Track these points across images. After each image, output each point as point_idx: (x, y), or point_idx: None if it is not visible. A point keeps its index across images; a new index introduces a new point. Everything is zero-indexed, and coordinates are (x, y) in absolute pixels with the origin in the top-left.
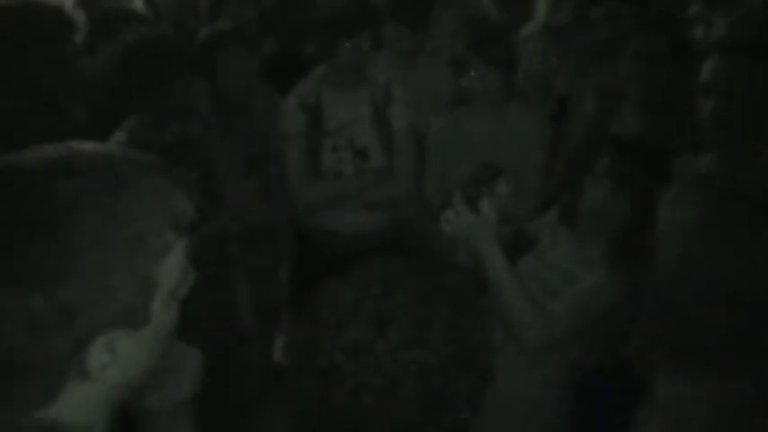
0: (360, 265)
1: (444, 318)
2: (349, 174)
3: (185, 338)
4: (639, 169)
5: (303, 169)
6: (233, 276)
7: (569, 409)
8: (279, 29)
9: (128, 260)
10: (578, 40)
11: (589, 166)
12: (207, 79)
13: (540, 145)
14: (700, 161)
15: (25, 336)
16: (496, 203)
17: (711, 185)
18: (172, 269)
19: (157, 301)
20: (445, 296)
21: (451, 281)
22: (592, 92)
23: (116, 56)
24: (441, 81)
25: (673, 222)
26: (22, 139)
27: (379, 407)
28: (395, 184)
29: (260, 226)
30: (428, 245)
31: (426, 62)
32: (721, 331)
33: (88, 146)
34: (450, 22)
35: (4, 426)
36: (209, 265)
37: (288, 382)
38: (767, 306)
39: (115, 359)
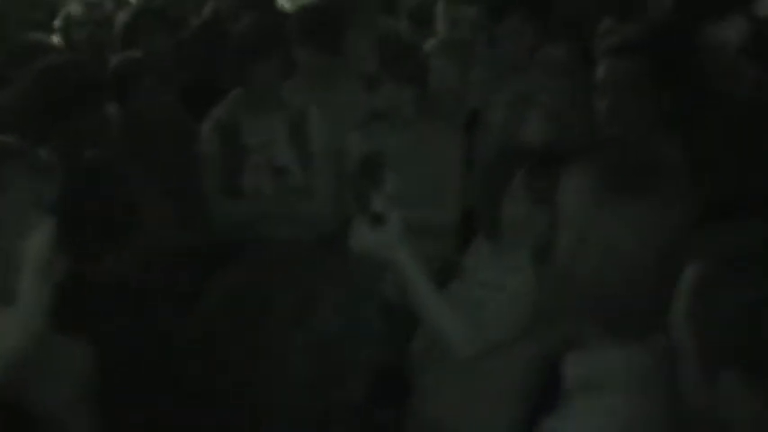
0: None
1: (328, 296)
2: (269, 194)
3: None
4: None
5: (222, 190)
6: (156, 302)
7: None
8: (194, 57)
9: None
10: (482, 55)
11: (506, 179)
12: (120, 106)
13: (453, 158)
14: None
15: None
16: (389, 202)
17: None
18: (36, 248)
19: (24, 279)
20: (329, 276)
21: (338, 261)
22: (501, 103)
23: (28, 81)
24: (355, 99)
25: (569, 203)
26: None
27: (267, 386)
28: (315, 203)
29: (182, 250)
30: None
31: (340, 82)
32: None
33: None
34: (362, 42)
35: None
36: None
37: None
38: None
39: None
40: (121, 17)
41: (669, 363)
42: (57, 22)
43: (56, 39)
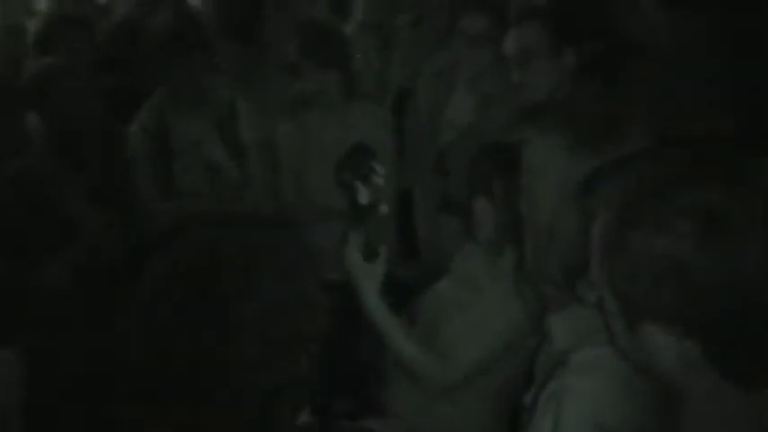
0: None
1: (270, 270)
2: (204, 191)
3: None
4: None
5: (156, 193)
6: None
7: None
8: (113, 60)
9: None
10: (403, 33)
11: (470, 172)
12: (39, 113)
13: (382, 140)
14: None
15: None
16: (374, 192)
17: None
18: None
19: None
20: (269, 250)
21: (278, 236)
22: (426, 80)
23: None
24: (281, 88)
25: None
26: None
27: (212, 360)
28: (251, 197)
29: (117, 256)
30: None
31: (264, 72)
32: None
33: None
34: (280, 29)
35: None
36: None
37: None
38: None
39: None
40: (34, 24)
41: None
42: None
43: None
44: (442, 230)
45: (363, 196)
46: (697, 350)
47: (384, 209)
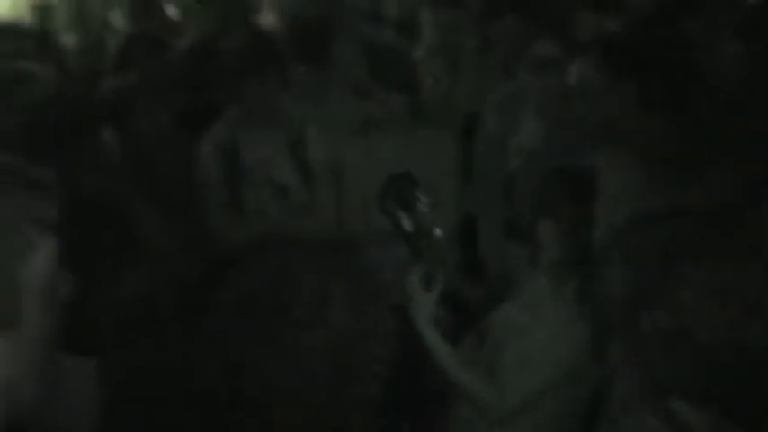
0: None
1: (343, 295)
2: (271, 212)
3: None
4: (582, 199)
5: (224, 212)
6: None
7: None
8: (187, 78)
9: None
10: (469, 58)
11: (537, 196)
12: (116, 131)
13: (449, 165)
14: None
15: None
16: (419, 220)
17: None
18: (38, 269)
19: (27, 302)
20: (344, 275)
21: (349, 261)
22: (494, 106)
23: (21, 114)
24: (349, 111)
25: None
26: None
27: (283, 386)
28: (318, 219)
29: (186, 275)
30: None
31: (334, 94)
32: None
33: None
34: (350, 53)
35: None
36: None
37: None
38: None
39: None
40: (113, 42)
41: None
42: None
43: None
44: (508, 255)
45: (408, 224)
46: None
47: (438, 233)
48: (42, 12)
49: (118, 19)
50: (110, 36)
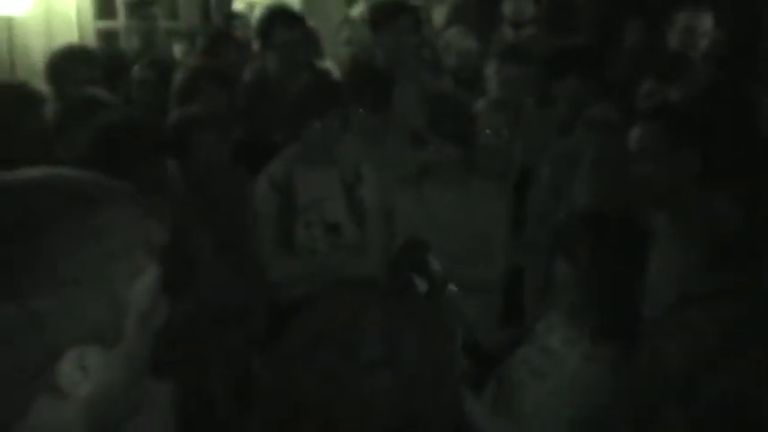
0: (325, 295)
1: (413, 338)
2: (322, 250)
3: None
4: (604, 245)
5: (276, 248)
6: (205, 358)
7: None
8: (249, 114)
9: (98, 275)
10: (528, 113)
11: (557, 237)
12: (178, 161)
13: (502, 217)
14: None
15: None
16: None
17: None
18: (143, 292)
19: (129, 322)
20: (412, 318)
21: (417, 304)
22: (548, 161)
23: (89, 138)
24: (404, 157)
25: None
26: None
27: (351, 429)
28: (368, 260)
29: (233, 306)
30: None
31: (390, 139)
32: None
33: (63, 169)
34: (409, 100)
35: None
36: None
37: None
38: None
39: (87, 376)
40: (179, 75)
41: None
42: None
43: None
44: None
45: (422, 286)
46: None
47: (452, 289)
48: (108, 38)
49: (180, 51)
50: (173, 68)
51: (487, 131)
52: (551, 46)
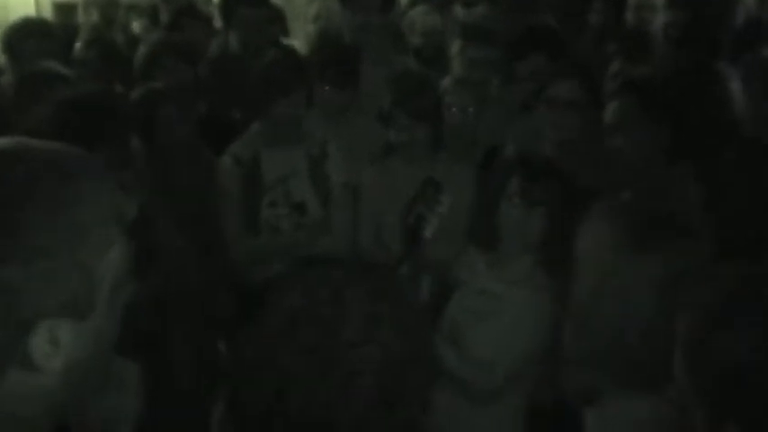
0: (303, 273)
1: (392, 316)
2: (287, 229)
3: None
4: (549, 191)
5: (241, 227)
6: (169, 338)
7: None
8: (213, 91)
9: (71, 247)
10: (499, 93)
11: (501, 186)
12: (141, 137)
13: (466, 194)
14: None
15: None
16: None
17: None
18: (114, 265)
19: (100, 295)
20: (392, 296)
21: (395, 283)
22: (512, 139)
23: (49, 113)
24: (371, 135)
25: (588, 252)
26: None
27: (333, 405)
28: (333, 238)
29: (197, 285)
30: None
31: (356, 117)
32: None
33: (36, 141)
34: (376, 78)
35: None
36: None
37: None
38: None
39: (58, 349)
40: (142, 49)
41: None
42: (78, 52)
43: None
44: None
45: (430, 230)
46: None
47: (428, 232)
48: (66, 12)
49: (140, 27)
50: (133, 44)
51: (453, 110)
52: (515, 26)
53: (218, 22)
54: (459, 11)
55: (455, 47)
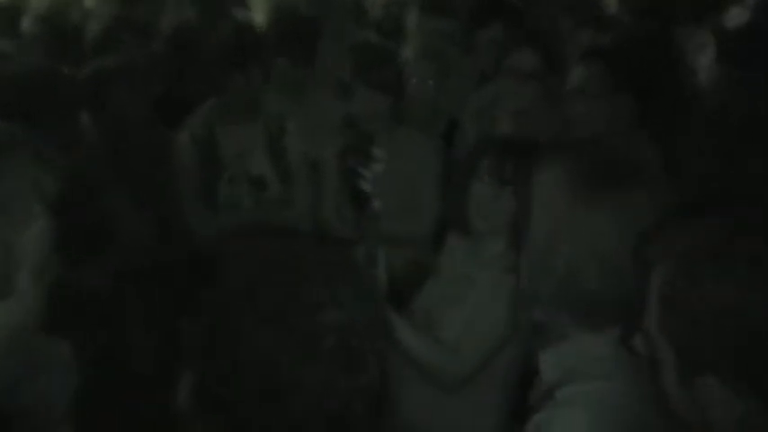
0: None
1: (352, 280)
2: (247, 205)
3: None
4: (520, 169)
5: (199, 203)
6: (127, 317)
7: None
8: (168, 66)
9: None
10: (459, 64)
11: (474, 169)
12: (92, 114)
13: (430, 167)
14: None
15: None
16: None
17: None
18: (36, 241)
19: (24, 275)
20: (349, 263)
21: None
22: (473, 111)
23: None
24: (330, 108)
25: (543, 197)
26: None
27: (296, 370)
28: (293, 213)
29: (156, 264)
30: None
31: (315, 90)
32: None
33: None
34: (335, 51)
35: None
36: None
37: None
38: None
39: None
40: (93, 25)
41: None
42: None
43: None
44: None
45: (366, 184)
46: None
47: (377, 205)
48: None
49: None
50: (84, 17)
51: (414, 81)
52: None
53: None
54: None
55: (414, 18)
